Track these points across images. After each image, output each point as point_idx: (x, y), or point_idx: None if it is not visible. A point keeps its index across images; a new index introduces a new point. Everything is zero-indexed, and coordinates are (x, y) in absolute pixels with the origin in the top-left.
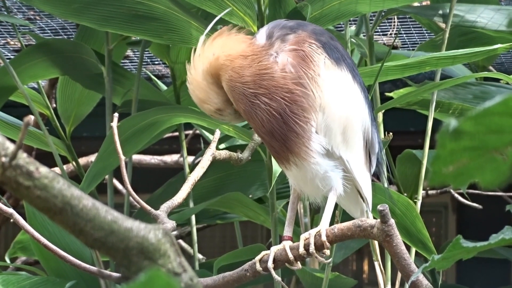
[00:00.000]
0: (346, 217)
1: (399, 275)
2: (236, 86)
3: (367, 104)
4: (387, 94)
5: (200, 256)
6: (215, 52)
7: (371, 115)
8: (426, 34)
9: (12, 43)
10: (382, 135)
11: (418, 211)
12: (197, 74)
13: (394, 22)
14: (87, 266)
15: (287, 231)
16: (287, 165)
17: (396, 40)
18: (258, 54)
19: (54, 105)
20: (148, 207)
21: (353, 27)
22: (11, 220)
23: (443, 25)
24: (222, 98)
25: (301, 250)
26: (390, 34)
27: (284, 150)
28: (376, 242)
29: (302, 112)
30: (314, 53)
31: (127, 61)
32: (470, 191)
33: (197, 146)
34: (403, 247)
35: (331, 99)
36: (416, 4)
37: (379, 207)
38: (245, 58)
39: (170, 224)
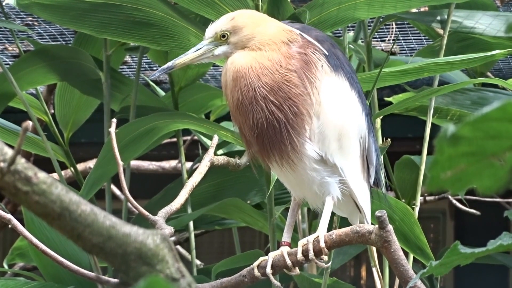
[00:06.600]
0: (344, 223)
1: (397, 281)
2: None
3: (365, 112)
4: (385, 99)
5: (198, 262)
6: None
7: (369, 123)
8: (424, 40)
9: (10, 49)
10: (380, 141)
11: (416, 217)
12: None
13: (392, 28)
14: (85, 271)
15: (286, 237)
16: (270, 163)
17: (394, 46)
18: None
19: (52, 111)
20: (146, 213)
21: (352, 33)
22: (10, 226)
23: (441, 31)
24: None
25: (299, 256)
26: (388, 40)
27: (271, 155)
28: (374, 248)
29: (298, 119)
30: (316, 58)
31: (125, 67)
32: (468, 197)
33: (195, 152)
34: (401, 253)
35: (327, 105)
36: (414, 10)
37: (377, 213)
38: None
39: (168, 229)
